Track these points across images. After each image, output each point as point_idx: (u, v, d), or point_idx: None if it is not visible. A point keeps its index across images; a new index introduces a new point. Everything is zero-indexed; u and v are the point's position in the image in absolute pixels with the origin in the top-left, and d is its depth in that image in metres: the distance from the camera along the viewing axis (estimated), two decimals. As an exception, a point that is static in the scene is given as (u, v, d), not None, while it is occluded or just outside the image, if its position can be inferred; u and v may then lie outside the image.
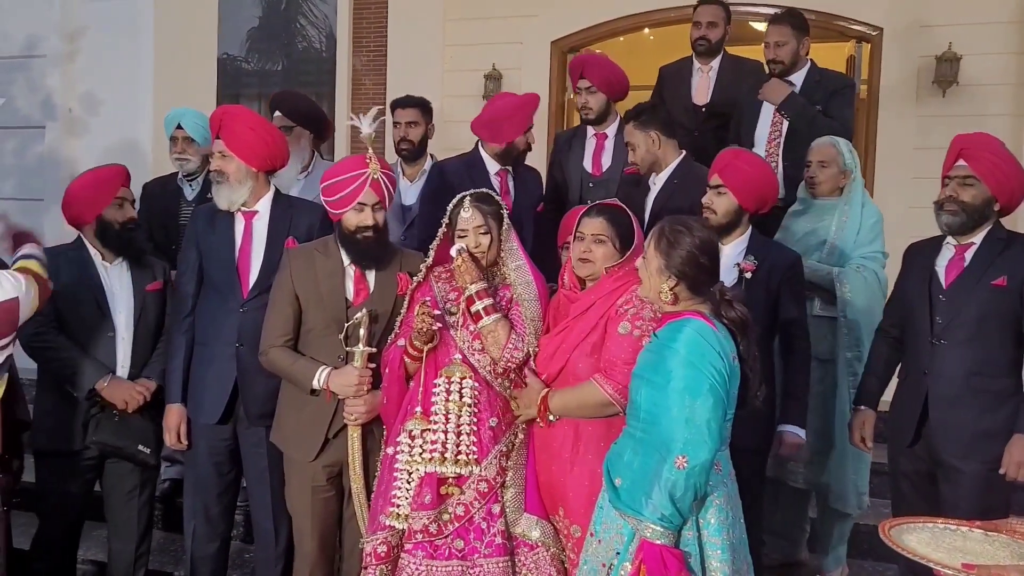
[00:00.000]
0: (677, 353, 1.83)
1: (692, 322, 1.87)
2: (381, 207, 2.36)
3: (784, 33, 3.43)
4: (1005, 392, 2.38)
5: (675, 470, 1.77)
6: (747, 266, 2.52)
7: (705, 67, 3.81)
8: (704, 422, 1.78)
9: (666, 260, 1.91)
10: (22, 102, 5.12)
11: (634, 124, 3.04)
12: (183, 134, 3.37)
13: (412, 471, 2.22)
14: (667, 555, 1.76)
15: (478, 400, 2.24)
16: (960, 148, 2.45)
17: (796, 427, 2.57)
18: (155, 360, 2.73)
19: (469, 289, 2.24)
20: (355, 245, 2.37)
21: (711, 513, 1.87)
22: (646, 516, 1.79)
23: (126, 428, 2.64)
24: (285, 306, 2.41)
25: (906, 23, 4.49)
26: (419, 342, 2.23)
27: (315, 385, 2.36)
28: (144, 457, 2.67)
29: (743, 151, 2.79)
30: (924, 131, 4.39)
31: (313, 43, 5.46)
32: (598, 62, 3.41)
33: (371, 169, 2.32)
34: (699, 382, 1.80)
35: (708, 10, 3.78)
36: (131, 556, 2.76)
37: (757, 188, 2.61)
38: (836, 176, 2.98)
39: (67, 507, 2.70)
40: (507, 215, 2.34)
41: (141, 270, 2.75)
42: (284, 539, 2.63)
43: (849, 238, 2.95)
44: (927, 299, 2.47)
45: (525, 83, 5.01)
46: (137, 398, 2.62)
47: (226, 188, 2.56)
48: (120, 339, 2.68)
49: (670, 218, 2.00)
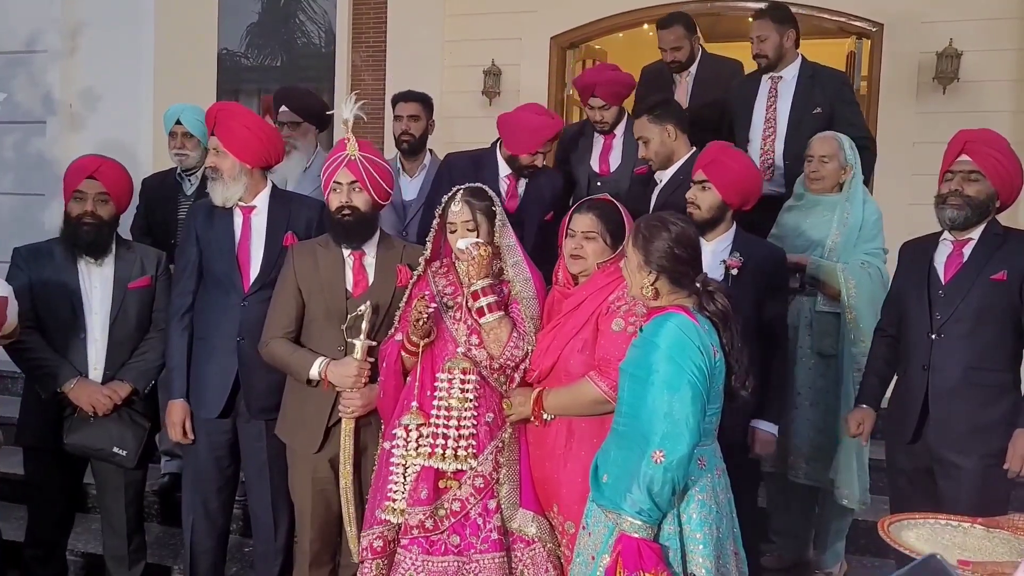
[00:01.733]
0: (658, 348, 1.84)
1: (674, 317, 1.87)
2: (360, 188, 2.37)
3: (765, 27, 3.42)
4: (1003, 386, 2.38)
5: (652, 464, 1.78)
6: (733, 263, 2.53)
7: (683, 74, 3.78)
8: (683, 417, 1.79)
9: (644, 255, 1.93)
10: (23, 97, 5.11)
11: (648, 118, 3.01)
12: (182, 129, 3.36)
13: (408, 465, 2.23)
14: (644, 548, 1.77)
15: (479, 395, 2.24)
16: (964, 142, 2.43)
17: (769, 423, 2.58)
18: (134, 361, 2.68)
19: (475, 284, 2.23)
20: (337, 226, 2.41)
21: (693, 508, 1.87)
22: (625, 510, 1.80)
23: (101, 430, 2.60)
24: (288, 299, 2.43)
25: (906, 19, 4.48)
26: (416, 336, 2.24)
27: (312, 374, 2.37)
28: (120, 459, 2.63)
29: (728, 147, 2.78)
30: (924, 127, 4.38)
31: (312, 39, 5.47)
32: (606, 80, 3.34)
33: (348, 149, 2.37)
34: (679, 377, 1.80)
35: (668, 36, 3.70)
36: (124, 551, 2.76)
37: (741, 184, 2.61)
38: (837, 171, 2.97)
39: (54, 500, 2.70)
40: (501, 212, 2.34)
41: (126, 266, 2.69)
42: (283, 533, 2.64)
43: (852, 235, 2.94)
44: (926, 295, 2.46)
45: (524, 79, 5.01)
46: (104, 402, 2.58)
47: (220, 185, 2.57)
48: (92, 340, 2.64)
49: (646, 216, 2.01)
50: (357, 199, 2.38)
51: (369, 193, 2.39)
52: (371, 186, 2.38)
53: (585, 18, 4.98)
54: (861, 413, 2.62)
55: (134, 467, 2.68)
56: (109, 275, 2.67)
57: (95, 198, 2.63)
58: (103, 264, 2.68)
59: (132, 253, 2.74)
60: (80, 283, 2.65)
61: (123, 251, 2.73)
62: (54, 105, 5.18)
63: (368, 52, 5.31)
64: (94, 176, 2.64)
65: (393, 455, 2.25)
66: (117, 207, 2.69)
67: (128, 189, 2.75)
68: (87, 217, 2.62)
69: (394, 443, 2.25)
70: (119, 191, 2.69)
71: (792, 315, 2.93)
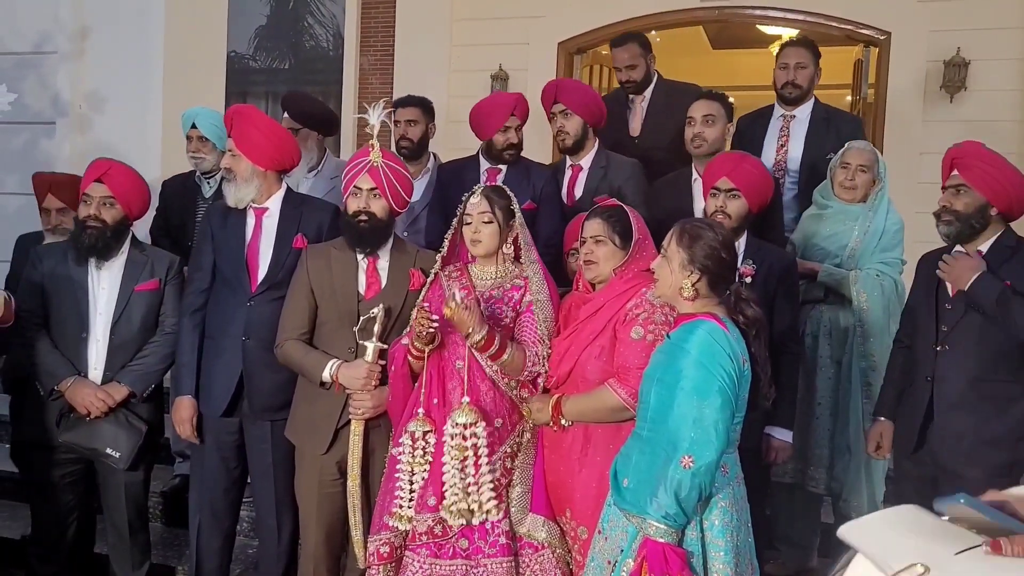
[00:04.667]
0: (688, 354, 1.85)
1: (705, 324, 1.88)
2: (379, 195, 2.39)
3: (803, 55, 3.28)
4: (1011, 397, 2.38)
5: (681, 469, 1.79)
6: (747, 270, 2.54)
7: (638, 98, 3.63)
8: (712, 423, 1.80)
9: (689, 254, 1.93)
10: (33, 98, 5.14)
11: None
12: (197, 134, 3.38)
13: (414, 472, 2.23)
14: (669, 553, 1.78)
15: (491, 445, 2.20)
16: (952, 158, 2.48)
17: (784, 430, 2.58)
18: (134, 364, 2.68)
19: (472, 339, 2.19)
20: (352, 230, 2.42)
21: (715, 515, 1.88)
22: (650, 514, 1.80)
23: (95, 430, 2.61)
24: (301, 300, 2.45)
25: (914, 27, 4.48)
26: (420, 343, 2.24)
27: (324, 377, 2.39)
28: (112, 461, 2.63)
29: (747, 155, 2.80)
30: (931, 136, 4.37)
31: (321, 42, 5.47)
32: (571, 84, 3.31)
33: (372, 156, 2.39)
34: (708, 383, 1.81)
35: (622, 54, 3.56)
36: (127, 551, 2.77)
37: (764, 191, 2.64)
38: (869, 183, 2.99)
39: (54, 497, 2.72)
40: (519, 213, 2.35)
41: (135, 268, 2.70)
42: (287, 535, 2.64)
43: (872, 242, 2.95)
44: (934, 308, 2.48)
45: (532, 84, 5.01)
46: (98, 404, 2.59)
47: (234, 186, 2.59)
48: (94, 340, 2.66)
49: (689, 218, 2.03)
50: (375, 205, 2.40)
51: (388, 200, 2.41)
52: (390, 193, 2.41)
53: (592, 24, 4.99)
54: (879, 427, 2.63)
55: (126, 469, 2.67)
56: (116, 277, 2.69)
57: (99, 202, 2.65)
58: (111, 266, 2.70)
59: (143, 256, 2.75)
60: (88, 283, 2.67)
61: (135, 253, 2.74)
62: (63, 106, 5.21)
63: (376, 56, 5.32)
64: (101, 180, 2.67)
65: (400, 462, 2.25)
66: (126, 210, 2.70)
67: (139, 193, 2.75)
68: (91, 220, 2.64)
69: (401, 450, 2.25)
70: (127, 195, 2.70)
71: (812, 324, 2.94)
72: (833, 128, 3.29)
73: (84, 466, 2.73)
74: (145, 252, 2.78)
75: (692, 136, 3.02)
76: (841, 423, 2.91)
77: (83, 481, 2.75)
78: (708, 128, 2.99)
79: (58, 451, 2.66)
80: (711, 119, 2.99)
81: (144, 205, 2.79)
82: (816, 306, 2.97)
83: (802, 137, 3.33)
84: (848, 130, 3.29)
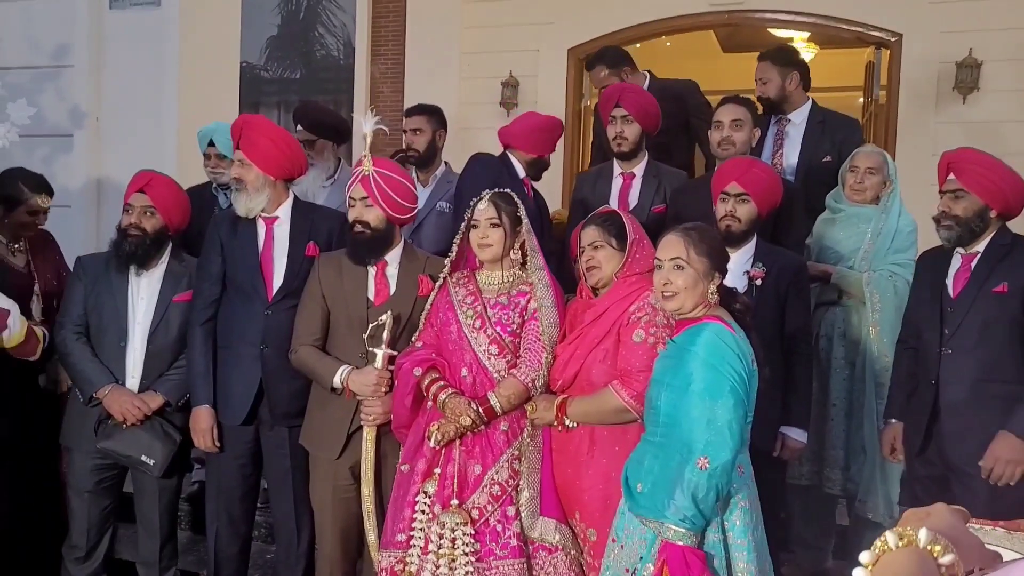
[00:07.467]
0: (697, 356, 1.86)
1: (710, 326, 1.90)
2: (371, 204, 2.42)
3: (766, 70, 3.39)
4: (1015, 397, 2.37)
5: (697, 471, 1.79)
6: (756, 273, 2.55)
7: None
8: (725, 423, 1.81)
9: (710, 261, 1.96)
10: (51, 111, 5.22)
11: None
12: (215, 151, 3.40)
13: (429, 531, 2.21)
14: (689, 555, 1.78)
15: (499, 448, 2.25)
16: (948, 163, 2.49)
17: (799, 430, 2.58)
18: (171, 373, 2.72)
19: (463, 425, 2.22)
20: (350, 239, 2.47)
21: (736, 515, 1.88)
22: (668, 518, 1.81)
23: (132, 437, 2.66)
24: (314, 307, 2.49)
25: (926, 28, 4.46)
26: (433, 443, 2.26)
27: (335, 383, 2.41)
28: (147, 469, 2.67)
29: (756, 160, 2.81)
30: (944, 137, 4.34)
31: (331, 51, 5.51)
32: (633, 89, 3.31)
33: (364, 166, 2.42)
34: (720, 383, 1.82)
35: (596, 75, 3.63)
36: (156, 557, 2.80)
37: (773, 195, 2.66)
38: (879, 185, 2.99)
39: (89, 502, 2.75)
40: (526, 219, 2.37)
41: (174, 279, 2.76)
42: (305, 540, 2.66)
43: (884, 243, 2.95)
44: (938, 311, 2.49)
45: (542, 90, 5.04)
46: (134, 412, 2.63)
47: (244, 195, 2.62)
48: (132, 349, 2.71)
49: (686, 225, 2.04)
50: (368, 215, 2.43)
51: (381, 208, 2.43)
52: (383, 201, 2.42)
53: (603, 30, 4.99)
54: (892, 430, 2.63)
55: (160, 476, 2.71)
56: (156, 286, 2.75)
57: (141, 211, 2.71)
58: (151, 275, 2.75)
59: (183, 267, 2.79)
60: (128, 293, 2.73)
61: (174, 264, 2.79)
62: (82, 119, 5.28)
63: (387, 64, 5.36)
64: (143, 190, 2.73)
65: (415, 520, 2.24)
66: (167, 221, 2.75)
67: (180, 204, 2.80)
68: (132, 229, 2.70)
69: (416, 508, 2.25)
70: (167, 205, 2.75)
71: (826, 326, 2.95)
72: (829, 131, 3.31)
73: (120, 471, 2.78)
74: (184, 263, 2.81)
75: (720, 140, 3.03)
76: (856, 424, 2.91)
77: (119, 487, 2.80)
78: (736, 132, 3.00)
79: (96, 457, 2.71)
80: (739, 123, 3.00)
81: (184, 216, 2.83)
82: (831, 308, 2.97)
83: (798, 141, 3.36)
84: (845, 132, 3.31)
